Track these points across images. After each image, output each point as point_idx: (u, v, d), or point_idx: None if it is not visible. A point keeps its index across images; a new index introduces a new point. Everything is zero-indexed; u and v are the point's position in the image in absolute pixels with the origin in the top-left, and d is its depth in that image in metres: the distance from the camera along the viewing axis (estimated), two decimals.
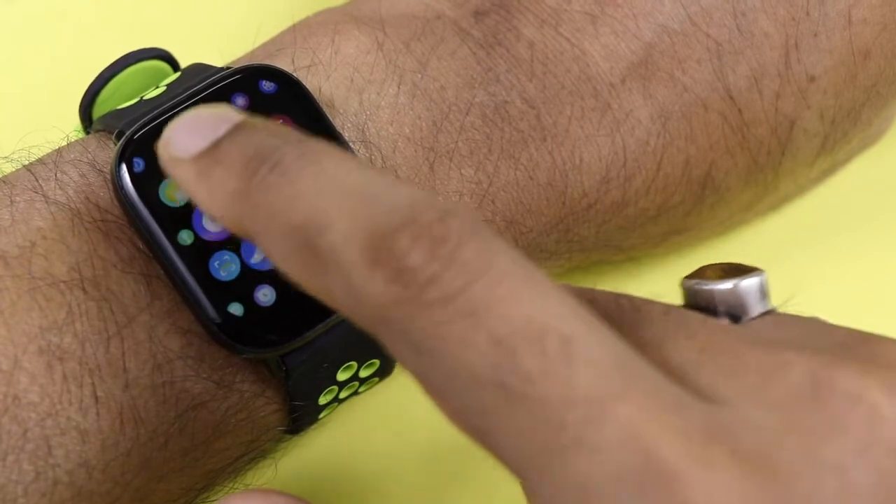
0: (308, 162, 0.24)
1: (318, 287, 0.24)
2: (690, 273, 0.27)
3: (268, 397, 0.30)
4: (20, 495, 0.27)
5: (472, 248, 0.23)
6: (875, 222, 0.39)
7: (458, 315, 0.22)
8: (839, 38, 0.33)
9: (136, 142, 0.29)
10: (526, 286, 0.22)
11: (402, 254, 0.22)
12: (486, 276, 0.22)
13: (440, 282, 0.22)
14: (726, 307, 0.26)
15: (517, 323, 0.22)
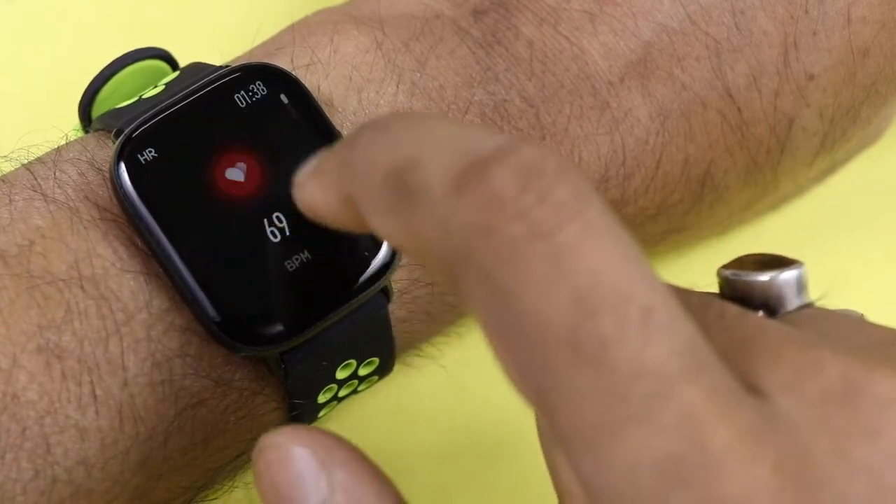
0: (412, 118, 0.24)
1: (406, 230, 0.23)
2: (729, 262, 0.26)
3: (267, 395, 0.30)
4: (19, 493, 0.27)
5: (566, 190, 0.21)
6: (875, 222, 0.39)
7: (543, 257, 0.21)
8: (838, 37, 0.33)
9: (135, 140, 0.29)
10: (616, 245, 0.21)
11: (492, 181, 0.21)
12: (577, 223, 0.21)
13: (530, 216, 0.21)
14: (764, 299, 0.25)
15: (602, 280, 0.21)
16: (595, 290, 0.21)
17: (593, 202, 0.22)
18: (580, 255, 0.21)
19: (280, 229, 0.29)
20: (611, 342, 0.21)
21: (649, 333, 0.21)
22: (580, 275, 0.21)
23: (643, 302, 0.21)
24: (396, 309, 0.31)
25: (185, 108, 0.30)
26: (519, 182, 0.21)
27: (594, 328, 0.21)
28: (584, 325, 0.21)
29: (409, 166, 0.23)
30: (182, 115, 0.30)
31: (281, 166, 0.30)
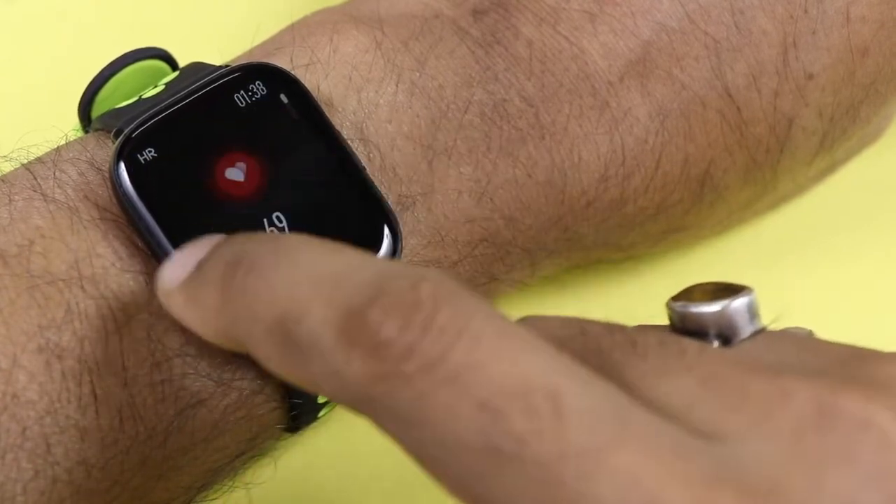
0: (280, 257, 0.24)
1: (304, 379, 0.24)
2: (676, 294, 0.26)
3: (267, 395, 0.30)
4: (19, 493, 0.27)
5: (445, 313, 0.22)
6: (875, 222, 0.39)
7: (439, 383, 0.22)
8: (837, 36, 0.33)
9: (135, 140, 0.29)
10: (505, 344, 0.22)
11: (375, 328, 0.22)
12: (463, 340, 0.22)
13: (417, 351, 0.22)
14: (717, 329, 0.25)
15: (500, 383, 0.22)
16: (495, 393, 0.21)
17: (474, 313, 0.22)
18: (474, 368, 0.22)
19: (280, 229, 0.29)
20: (526, 435, 0.21)
21: (561, 415, 0.21)
22: (478, 385, 0.22)
23: (546, 387, 0.22)
24: None
25: (184, 108, 0.30)
26: (399, 321, 0.22)
27: (507, 429, 0.21)
28: (497, 428, 0.21)
29: (292, 319, 0.23)
30: (182, 115, 0.30)
31: (281, 166, 0.30)
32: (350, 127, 0.31)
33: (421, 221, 0.31)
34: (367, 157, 0.31)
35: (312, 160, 0.30)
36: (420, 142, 0.31)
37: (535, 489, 0.21)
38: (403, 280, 0.23)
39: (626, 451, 0.21)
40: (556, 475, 0.21)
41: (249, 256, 0.25)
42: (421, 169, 0.31)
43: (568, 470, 0.21)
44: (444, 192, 0.31)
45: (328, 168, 0.30)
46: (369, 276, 0.23)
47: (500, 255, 0.33)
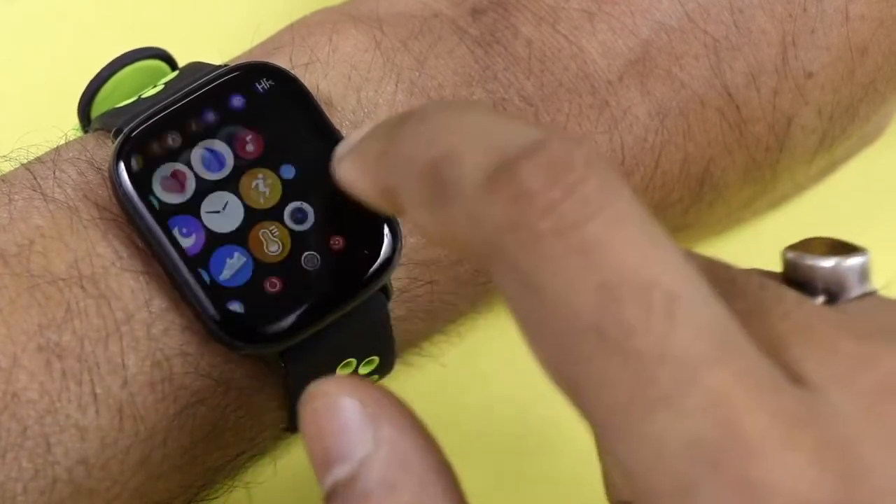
0: (450, 109, 0.24)
1: (441, 222, 0.24)
2: (795, 243, 0.26)
3: (267, 394, 0.30)
4: (19, 493, 0.27)
5: (593, 183, 0.22)
6: (875, 222, 0.39)
7: (570, 251, 0.22)
8: (836, 35, 0.33)
9: (134, 139, 0.29)
10: (642, 233, 0.22)
11: (522, 178, 0.22)
12: (604, 215, 0.22)
13: (557, 211, 0.22)
14: (825, 285, 0.25)
15: (628, 269, 0.22)
16: (619, 278, 0.21)
17: (621, 194, 0.22)
18: (605, 246, 0.22)
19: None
20: (635, 328, 0.21)
21: (674, 318, 0.21)
22: (605, 265, 0.22)
23: (668, 288, 0.21)
24: (396, 307, 0.31)
25: (184, 108, 0.30)
26: (547, 178, 0.22)
27: (619, 315, 0.21)
28: (609, 312, 0.21)
29: (445, 162, 0.23)
30: (181, 115, 0.30)
31: (280, 165, 0.30)
32: (349, 126, 0.31)
33: None
34: None
35: (312, 159, 0.30)
36: None
37: (625, 381, 0.21)
38: (561, 142, 0.23)
39: (723, 372, 0.21)
40: (651, 373, 0.21)
41: (420, 110, 0.25)
42: None
43: (664, 371, 0.21)
44: None
45: (327, 166, 0.30)
46: (531, 134, 0.23)
47: None
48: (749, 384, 0.21)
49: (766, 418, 0.21)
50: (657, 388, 0.21)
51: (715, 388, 0.21)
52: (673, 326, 0.21)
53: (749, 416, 0.21)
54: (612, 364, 0.21)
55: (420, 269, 0.31)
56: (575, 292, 0.22)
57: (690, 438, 0.21)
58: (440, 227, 0.24)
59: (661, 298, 0.21)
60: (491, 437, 0.35)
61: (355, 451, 0.24)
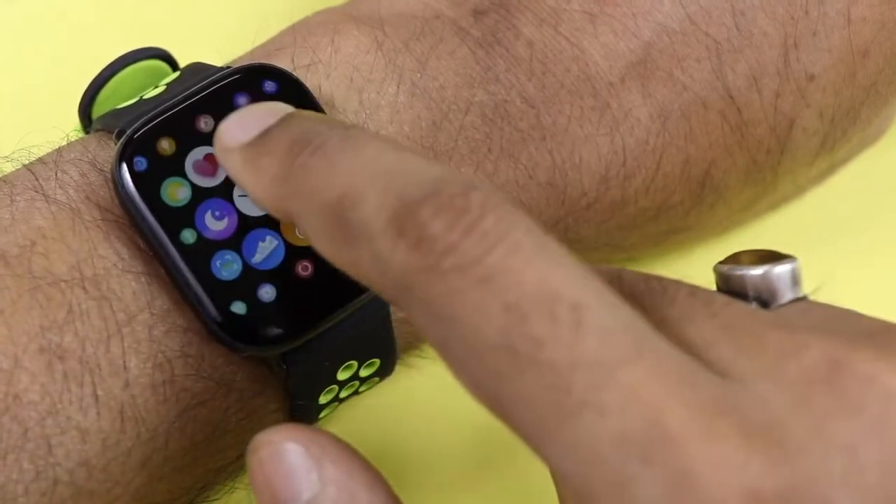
0: (348, 144, 0.25)
1: (347, 260, 0.25)
2: (725, 258, 0.27)
3: (268, 396, 0.30)
4: (20, 494, 0.27)
5: (490, 219, 0.23)
6: (876, 223, 0.39)
7: (473, 282, 0.23)
8: (838, 37, 0.33)
9: (137, 141, 0.29)
10: (540, 255, 0.23)
11: (424, 223, 0.23)
12: (501, 245, 0.23)
13: (458, 250, 0.23)
14: (756, 293, 0.26)
15: (528, 289, 0.23)
16: (523, 297, 0.23)
17: (517, 224, 0.23)
18: (506, 272, 0.23)
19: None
20: (544, 340, 0.22)
21: (580, 326, 0.22)
22: (507, 288, 0.23)
23: (571, 299, 0.23)
24: (397, 310, 0.31)
25: (186, 109, 0.30)
26: (446, 221, 0.23)
27: (526, 331, 0.22)
28: (517, 330, 0.22)
29: (348, 203, 0.24)
30: (183, 116, 0.30)
31: None
32: None
33: None
34: None
35: None
36: (421, 142, 0.31)
37: (544, 393, 0.22)
38: (458, 184, 0.24)
39: (635, 369, 0.22)
40: (566, 381, 0.22)
41: (318, 138, 0.26)
42: None
43: (577, 378, 0.22)
44: None
45: None
46: (428, 176, 0.24)
47: None
48: (664, 378, 0.22)
49: (685, 409, 0.22)
50: (575, 395, 0.22)
51: (631, 385, 0.22)
52: (581, 333, 0.22)
53: (669, 409, 0.22)
54: (527, 378, 0.22)
55: None
56: (483, 317, 0.23)
57: (616, 436, 0.22)
58: (346, 264, 0.25)
59: (565, 309, 0.22)
60: (491, 437, 0.35)
61: (302, 492, 0.25)
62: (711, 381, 0.22)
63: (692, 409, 0.22)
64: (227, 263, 0.29)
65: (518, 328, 0.22)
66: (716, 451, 0.21)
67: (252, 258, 0.29)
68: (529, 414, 0.22)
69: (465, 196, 0.24)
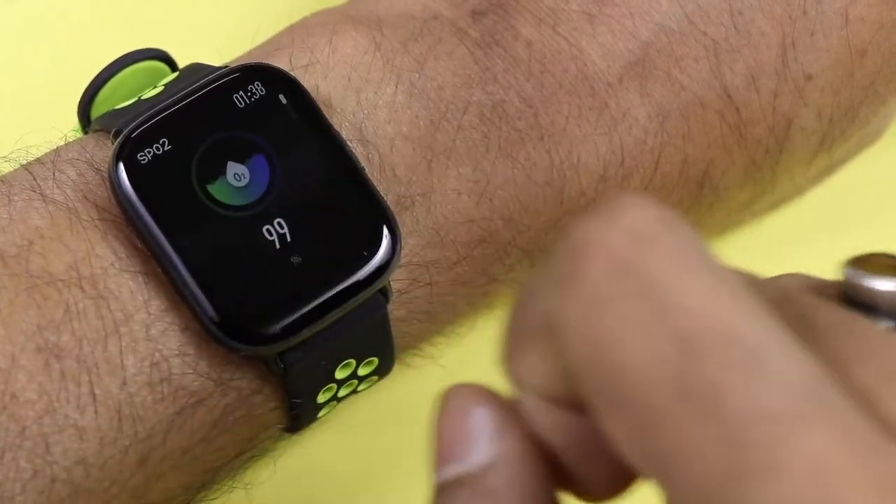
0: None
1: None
2: (854, 257, 0.24)
3: (266, 395, 0.30)
4: (18, 493, 0.27)
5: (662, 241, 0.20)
6: (876, 222, 0.39)
7: (634, 295, 0.20)
8: (836, 37, 0.33)
9: (134, 140, 0.29)
10: (715, 283, 0.20)
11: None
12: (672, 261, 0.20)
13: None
14: (888, 308, 0.23)
15: (704, 320, 0.20)
16: (698, 328, 0.20)
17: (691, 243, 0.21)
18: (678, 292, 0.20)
19: (279, 229, 0.29)
20: (723, 385, 0.19)
21: (760, 373, 0.19)
22: (679, 313, 0.20)
23: (752, 341, 0.20)
24: (395, 309, 0.31)
25: (183, 109, 0.30)
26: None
27: (702, 372, 0.19)
28: (692, 369, 0.20)
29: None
30: (181, 116, 0.30)
31: (280, 167, 0.30)
32: (349, 128, 0.31)
33: (420, 222, 0.31)
34: (367, 157, 0.31)
35: (311, 161, 0.30)
36: (419, 142, 0.31)
37: (718, 446, 0.19)
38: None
39: (818, 432, 0.19)
40: (742, 436, 0.19)
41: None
42: (420, 169, 0.31)
43: (755, 433, 0.19)
44: (443, 193, 0.31)
45: (327, 169, 0.30)
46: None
47: (500, 256, 0.33)
48: (848, 446, 0.19)
49: (869, 487, 0.19)
50: (751, 455, 0.19)
51: (813, 453, 0.19)
52: (760, 381, 0.19)
53: (851, 486, 0.19)
54: (699, 429, 0.19)
55: (420, 271, 0.31)
56: (648, 345, 0.20)
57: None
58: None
59: (744, 352, 0.19)
60: None
61: (473, 455, 0.23)
62: (891, 450, 0.20)
63: (875, 486, 0.19)
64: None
65: (692, 367, 0.19)
66: None
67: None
68: (698, 470, 0.19)
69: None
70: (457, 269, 0.32)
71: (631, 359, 0.20)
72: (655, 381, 0.20)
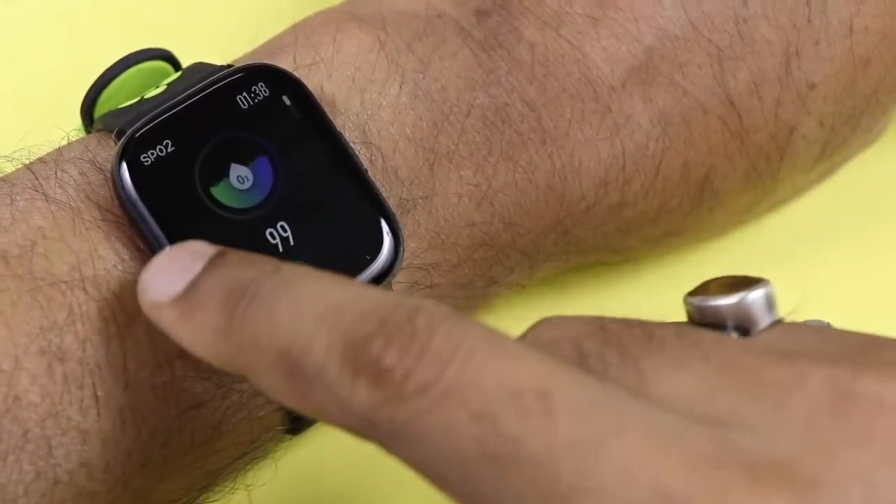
0: (283, 289, 0.25)
1: (311, 408, 0.25)
2: (693, 289, 0.26)
3: (267, 397, 0.30)
4: (21, 495, 0.27)
5: (440, 337, 0.23)
6: (877, 222, 0.39)
7: (436, 400, 0.23)
8: (840, 47, 0.33)
9: (137, 141, 0.29)
10: (496, 356, 0.23)
11: (377, 357, 0.23)
12: (456, 359, 0.23)
13: (415, 374, 0.23)
14: (735, 321, 0.25)
15: (491, 392, 0.22)
16: (488, 401, 0.22)
17: (466, 334, 0.23)
18: (466, 382, 0.23)
19: (283, 231, 0.29)
20: (520, 436, 0.22)
21: (552, 411, 0.22)
22: (471, 396, 0.23)
23: (536, 388, 0.22)
24: None
25: (187, 109, 0.30)
26: (397, 351, 0.23)
27: (500, 432, 0.22)
28: (490, 433, 0.22)
29: (298, 351, 0.24)
30: (184, 116, 0.30)
31: (283, 167, 0.30)
32: (353, 128, 0.31)
33: (421, 224, 0.31)
34: (370, 159, 0.31)
35: (315, 163, 0.30)
36: (422, 144, 0.31)
37: (533, 487, 0.22)
38: (402, 311, 0.24)
39: (622, 440, 0.21)
40: (552, 470, 0.22)
41: (251, 287, 0.26)
42: (422, 172, 0.31)
43: (563, 463, 0.21)
44: (444, 196, 0.31)
45: (330, 171, 0.30)
46: (369, 308, 0.24)
47: (500, 259, 0.33)
48: (653, 441, 0.21)
49: (684, 467, 0.21)
50: (565, 480, 0.21)
51: (621, 457, 0.21)
52: (554, 418, 0.22)
53: (667, 470, 0.21)
54: (514, 478, 0.22)
55: (421, 273, 0.32)
56: (454, 430, 0.22)
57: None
58: (310, 411, 0.25)
59: (532, 399, 0.22)
60: None
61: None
62: (704, 433, 0.22)
63: (690, 464, 0.21)
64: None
65: (490, 431, 0.22)
66: (726, 501, 0.21)
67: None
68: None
69: (410, 322, 0.24)
70: (457, 272, 0.32)
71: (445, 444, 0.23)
72: (466, 453, 0.22)
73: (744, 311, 0.25)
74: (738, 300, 0.25)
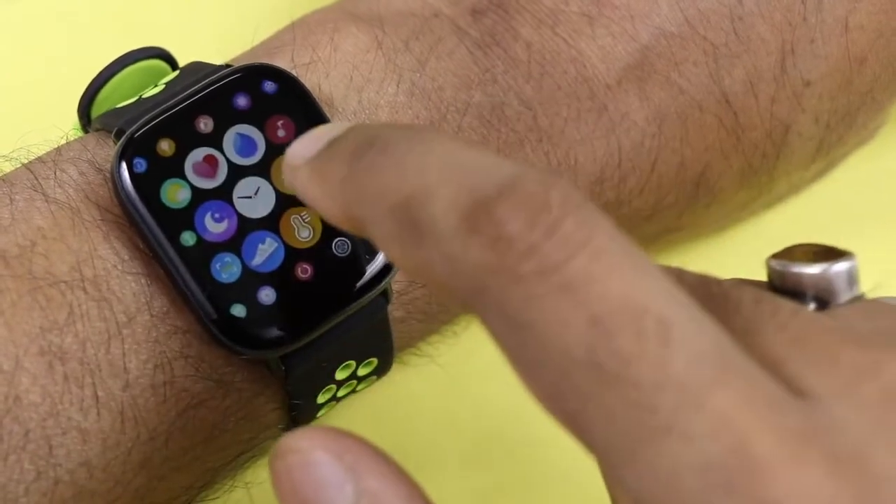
0: (415, 143, 0.24)
1: (417, 264, 0.23)
2: (779, 251, 0.25)
3: (267, 396, 0.30)
4: (21, 495, 0.27)
5: (572, 221, 0.22)
6: (875, 219, 0.39)
7: (555, 290, 0.21)
8: (835, 45, 0.33)
9: (136, 141, 0.29)
10: (626, 264, 0.22)
11: (500, 221, 0.22)
12: (585, 251, 0.22)
13: (538, 253, 0.22)
14: (815, 292, 0.25)
15: (615, 302, 0.21)
16: (608, 309, 0.21)
17: (600, 227, 0.22)
18: (590, 280, 0.21)
19: None
20: (631, 358, 0.21)
21: (669, 344, 0.21)
22: (592, 299, 0.21)
23: (659, 314, 0.21)
24: (394, 309, 0.31)
25: (186, 109, 0.30)
26: (525, 221, 0.22)
27: (612, 346, 0.21)
28: (603, 345, 0.21)
29: (416, 202, 0.23)
30: (183, 116, 0.30)
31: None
32: None
33: None
34: None
35: None
36: None
37: (627, 412, 0.21)
38: (536, 180, 0.22)
39: (724, 393, 0.21)
40: (651, 402, 0.21)
41: (383, 138, 0.24)
42: None
43: (664, 399, 0.21)
44: None
45: None
46: (503, 171, 0.22)
47: None
48: (753, 404, 0.21)
49: (773, 437, 0.21)
50: (661, 416, 0.21)
51: (719, 411, 0.21)
52: (669, 352, 0.21)
53: (757, 437, 0.21)
54: (611, 396, 0.21)
55: None
56: (566, 329, 0.21)
57: (701, 464, 0.20)
58: (415, 266, 0.23)
59: (653, 325, 0.21)
60: (489, 436, 0.35)
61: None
62: (797, 407, 0.21)
63: (780, 436, 0.21)
64: (227, 266, 0.29)
65: (604, 343, 0.21)
66: (804, 481, 0.20)
67: (252, 260, 0.29)
68: (610, 434, 0.21)
69: (544, 193, 0.22)
70: None
71: (551, 338, 0.21)
72: (571, 355, 0.21)
73: (826, 283, 0.24)
74: (822, 271, 0.24)
